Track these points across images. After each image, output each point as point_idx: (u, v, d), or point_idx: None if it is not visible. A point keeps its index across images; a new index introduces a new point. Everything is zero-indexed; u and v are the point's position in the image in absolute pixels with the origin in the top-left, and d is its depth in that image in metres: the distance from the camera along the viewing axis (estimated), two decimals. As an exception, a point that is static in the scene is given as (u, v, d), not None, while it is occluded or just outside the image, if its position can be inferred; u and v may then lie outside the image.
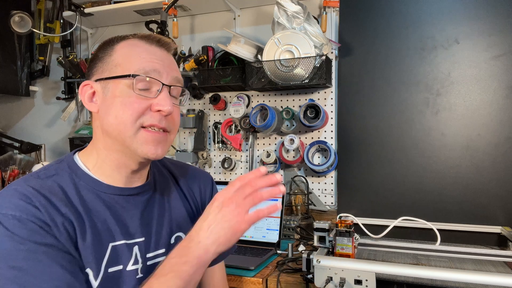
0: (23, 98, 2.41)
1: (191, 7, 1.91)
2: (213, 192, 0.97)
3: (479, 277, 0.96)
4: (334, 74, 1.72)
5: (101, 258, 0.71)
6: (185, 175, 0.94)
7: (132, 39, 0.78)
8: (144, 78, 0.73)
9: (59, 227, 0.67)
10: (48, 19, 2.24)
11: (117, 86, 0.74)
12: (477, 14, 1.47)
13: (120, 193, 0.78)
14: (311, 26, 1.55)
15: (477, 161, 1.46)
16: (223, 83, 1.78)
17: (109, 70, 0.75)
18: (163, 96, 0.75)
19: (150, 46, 0.78)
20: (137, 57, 0.75)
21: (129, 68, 0.74)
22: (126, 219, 0.77)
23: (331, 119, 1.72)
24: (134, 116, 0.72)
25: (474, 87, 1.48)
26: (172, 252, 0.71)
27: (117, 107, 0.73)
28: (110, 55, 0.76)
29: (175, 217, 0.86)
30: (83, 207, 0.72)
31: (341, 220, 1.21)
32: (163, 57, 0.78)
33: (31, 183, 0.70)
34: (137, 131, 0.73)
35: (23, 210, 0.65)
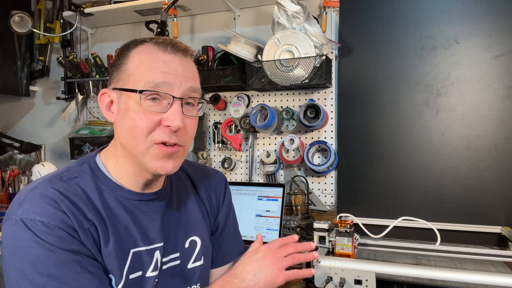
0: (23, 98, 2.41)
1: (191, 7, 1.91)
2: (226, 192, 0.97)
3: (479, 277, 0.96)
4: (334, 74, 1.72)
5: (123, 264, 0.72)
6: (202, 176, 0.94)
7: (147, 45, 0.74)
8: (152, 93, 0.70)
9: (86, 232, 0.67)
10: (48, 19, 2.24)
11: (129, 98, 0.71)
12: (477, 14, 1.47)
13: (140, 198, 0.78)
14: (311, 26, 1.55)
15: (477, 161, 1.46)
16: (223, 83, 1.78)
17: (123, 80, 0.73)
18: (173, 110, 0.70)
19: (164, 53, 0.72)
20: (148, 67, 0.71)
21: (140, 79, 0.70)
22: (147, 225, 0.77)
23: (331, 119, 1.72)
24: (144, 132, 0.70)
25: (474, 87, 1.48)
26: (216, 283, 0.77)
27: (128, 121, 0.71)
28: (125, 63, 0.73)
29: (190, 221, 0.86)
30: (106, 212, 0.72)
31: (341, 220, 1.21)
32: (177, 65, 0.73)
33: (55, 185, 0.69)
34: (149, 147, 0.71)
35: (51, 216, 0.64)
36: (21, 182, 2.04)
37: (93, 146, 2.04)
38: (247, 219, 1.58)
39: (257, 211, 1.59)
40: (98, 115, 2.22)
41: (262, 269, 0.78)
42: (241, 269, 0.79)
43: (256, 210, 1.59)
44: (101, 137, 2.06)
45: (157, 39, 0.74)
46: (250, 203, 1.60)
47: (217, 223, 0.94)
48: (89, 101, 2.24)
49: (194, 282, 0.84)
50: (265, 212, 1.57)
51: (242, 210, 1.61)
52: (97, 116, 2.22)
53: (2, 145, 2.32)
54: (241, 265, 0.80)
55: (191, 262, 0.84)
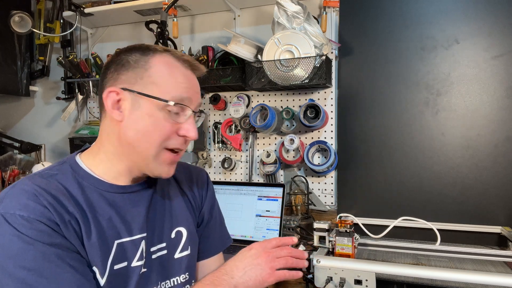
0: (23, 98, 2.41)
1: (191, 7, 1.91)
2: (208, 186, 0.99)
3: (479, 277, 0.96)
4: (334, 74, 1.72)
5: (106, 255, 0.72)
6: (184, 173, 0.96)
7: (169, 57, 0.77)
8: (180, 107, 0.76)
9: (67, 225, 0.68)
10: (48, 19, 2.24)
11: (151, 105, 0.74)
12: (477, 14, 1.47)
13: (123, 191, 0.79)
14: (311, 26, 1.55)
15: (477, 161, 1.46)
16: (223, 83, 1.78)
17: (143, 85, 0.74)
18: (191, 122, 0.78)
19: (186, 70, 0.78)
20: (174, 81, 0.76)
21: (167, 91, 0.75)
22: (131, 216, 0.78)
23: (331, 119, 1.72)
24: (162, 138, 0.75)
25: (474, 87, 1.48)
26: (205, 278, 0.79)
27: (147, 125, 0.74)
28: (145, 69, 0.75)
29: (175, 213, 0.88)
30: (88, 205, 0.73)
31: (341, 220, 1.21)
32: (194, 83, 0.80)
33: (37, 181, 0.70)
34: (159, 152, 0.76)
35: (31, 210, 0.65)
36: (21, 182, 2.04)
37: (93, 146, 2.04)
38: (247, 219, 1.58)
39: (257, 211, 1.59)
40: (98, 115, 2.22)
41: (253, 267, 0.79)
42: (232, 266, 0.80)
43: (256, 210, 1.59)
44: (101, 137, 2.05)
45: (174, 52, 0.78)
46: (250, 203, 1.60)
47: (202, 214, 0.96)
48: (89, 101, 2.24)
49: (182, 271, 0.86)
50: (265, 212, 1.57)
51: (242, 210, 1.61)
52: (97, 116, 2.22)
53: (2, 145, 2.32)
54: (232, 261, 0.81)
55: (178, 252, 0.86)
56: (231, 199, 1.65)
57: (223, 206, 1.64)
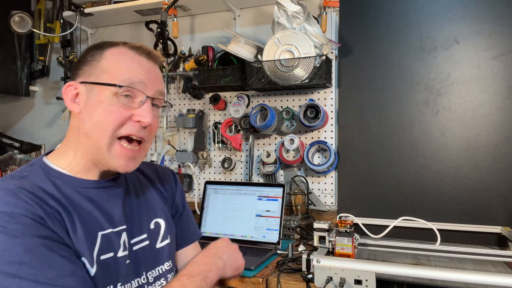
0: (23, 98, 2.41)
1: (191, 7, 1.91)
2: (176, 181, 1.03)
3: (479, 277, 0.96)
4: (334, 74, 1.72)
5: (92, 246, 0.73)
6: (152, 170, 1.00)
7: (122, 47, 0.79)
8: (129, 88, 0.76)
9: (52, 218, 0.68)
10: (48, 19, 2.24)
11: (102, 92, 0.76)
12: (477, 14, 1.47)
13: (97, 186, 0.80)
14: (311, 26, 1.55)
15: (477, 161, 1.46)
16: (223, 83, 1.78)
17: (96, 75, 0.77)
18: (145, 107, 0.77)
19: (139, 57, 0.79)
20: (125, 66, 0.77)
21: (116, 76, 0.76)
22: (110, 209, 0.80)
23: (331, 119, 1.72)
24: (115, 123, 0.75)
25: (474, 87, 1.48)
26: (198, 261, 0.88)
27: (100, 112, 0.75)
28: (98, 61, 0.78)
29: (151, 205, 0.91)
30: (67, 200, 0.73)
31: (341, 220, 1.21)
32: (150, 69, 0.80)
33: (11, 182, 0.70)
34: (112, 142, 0.76)
35: (13, 205, 0.65)
36: (21, 182, 2.04)
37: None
38: (247, 219, 1.58)
39: (257, 211, 1.59)
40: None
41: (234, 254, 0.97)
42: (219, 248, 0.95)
43: (256, 210, 1.59)
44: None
45: (131, 44, 0.81)
46: (250, 203, 1.60)
47: (175, 206, 1.00)
48: (89, 101, 2.24)
49: (166, 260, 0.89)
50: (265, 212, 1.57)
51: (242, 210, 1.61)
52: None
53: (2, 145, 2.32)
54: (215, 249, 0.94)
55: (159, 242, 0.89)
56: (231, 199, 1.65)
57: (223, 206, 1.65)
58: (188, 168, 1.98)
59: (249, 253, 1.41)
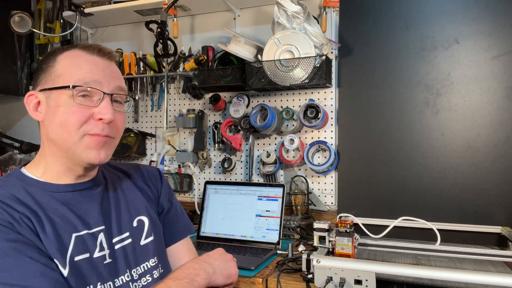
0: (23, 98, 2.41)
1: (191, 7, 1.91)
2: (162, 178, 1.03)
3: (479, 277, 0.96)
4: (334, 74, 1.72)
5: (65, 247, 0.74)
6: (135, 170, 1.00)
7: (74, 50, 0.80)
8: (84, 88, 0.76)
9: (20, 223, 0.70)
10: (48, 19, 2.24)
11: (59, 96, 0.76)
12: (477, 14, 1.47)
13: (73, 189, 0.81)
14: (311, 26, 1.55)
15: (477, 161, 1.46)
16: (223, 83, 1.78)
17: (52, 81, 0.78)
18: (104, 104, 0.77)
19: (91, 56, 0.80)
20: (77, 68, 0.77)
21: (70, 79, 0.76)
22: (85, 211, 0.80)
23: (331, 119, 1.72)
24: (76, 125, 0.75)
25: (474, 87, 1.48)
26: (186, 266, 0.89)
27: (60, 116, 0.76)
28: (52, 66, 0.79)
29: (132, 203, 0.91)
30: (38, 206, 0.75)
31: (341, 220, 1.21)
32: (104, 67, 0.80)
33: None
34: (81, 138, 0.76)
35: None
36: (21, 182, 2.04)
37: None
38: (247, 219, 1.58)
39: (257, 211, 1.59)
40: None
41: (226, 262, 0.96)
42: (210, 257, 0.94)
43: (256, 210, 1.59)
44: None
45: (84, 44, 0.82)
46: (250, 203, 1.60)
47: (161, 204, 1.00)
48: (89, 101, 2.24)
49: (151, 256, 0.89)
50: (265, 212, 1.57)
51: (242, 210, 1.61)
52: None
53: (2, 145, 2.32)
54: (207, 256, 0.95)
55: (143, 239, 0.89)
56: (231, 199, 1.65)
57: (223, 206, 1.65)
58: (188, 168, 1.98)
59: (249, 253, 1.41)
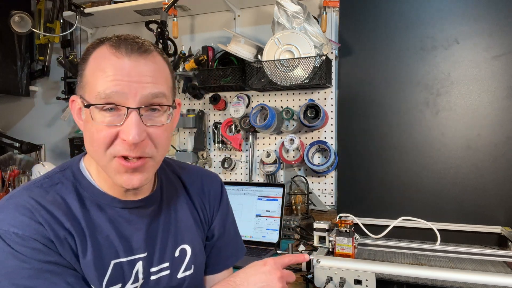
0: (23, 98, 2.41)
1: (191, 7, 1.91)
2: (222, 196, 0.93)
3: (479, 277, 0.96)
4: (334, 74, 1.72)
5: (102, 275, 0.69)
6: (194, 179, 0.89)
7: (103, 47, 0.67)
8: (103, 106, 0.64)
9: (63, 242, 0.65)
10: (48, 19, 2.24)
11: (86, 109, 0.66)
12: (477, 14, 1.47)
13: (124, 206, 0.73)
14: (311, 26, 1.55)
15: (477, 161, 1.46)
16: (223, 83, 1.78)
17: (82, 88, 0.68)
18: (128, 123, 0.63)
19: (117, 57, 0.65)
20: (101, 73, 0.64)
21: (93, 90, 0.64)
22: (130, 234, 0.74)
23: (331, 119, 1.72)
24: (102, 146, 0.65)
25: (474, 87, 1.48)
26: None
27: (89, 133, 0.67)
28: (83, 69, 0.68)
29: (180, 229, 0.82)
30: (86, 222, 0.69)
31: (341, 220, 1.21)
32: (131, 69, 0.64)
33: (33, 194, 0.67)
34: (110, 160, 0.66)
35: (25, 227, 0.62)
36: (21, 182, 2.04)
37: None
38: (247, 219, 1.58)
39: (257, 211, 1.59)
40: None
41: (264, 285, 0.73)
42: (243, 279, 0.74)
43: (256, 210, 1.59)
44: (101, 137, 2.05)
45: (113, 40, 0.67)
46: (250, 203, 1.60)
47: (212, 229, 0.89)
48: (89, 101, 2.24)
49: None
50: (265, 212, 1.57)
51: (242, 210, 1.61)
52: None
53: (2, 145, 2.32)
54: (243, 274, 0.75)
55: (181, 272, 0.81)
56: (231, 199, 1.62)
57: (223, 206, 1.65)
58: (188, 168, 1.98)
59: (249, 253, 1.41)
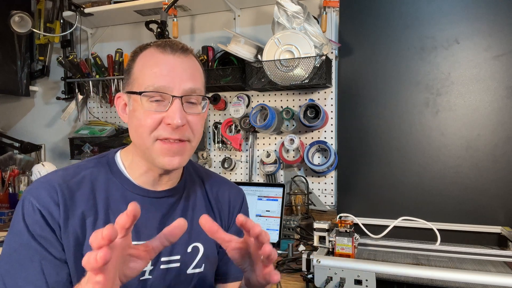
0: (23, 98, 2.41)
1: (191, 7, 1.91)
2: (242, 207, 0.95)
3: (479, 277, 0.96)
4: (334, 74, 1.72)
5: None
6: (216, 186, 0.93)
7: (149, 49, 0.79)
8: (155, 94, 0.75)
9: (68, 228, 0.73)
10: (48, 19, 2.24)
11: (135, 100, 0.77)
12: (477, 14, 1.47)
13: (147, 195, 0.81)
14: (311, 26, 1.55)
15: (477, 161, 1.46)
16: (223, 83, 1.78)
17: (131, 84, 0.79)
18: (173, 108, 0.75)
19: (164, 55, 0.77)
20: (149, 70, 0.76)
21: (142, 83, 0.76)
22: (144, 221, 0.78)
23: (331, 119, 1.72)
24: (148, 130, 0.75)
25: (474, 87, 1.48)
26: None
27: (135, 121, 0.77)
28: (132, 68, 0.79)
29: (196, 227, 0.84)
30: (106, 203, 0.77)
31: (341, 220, 1.21)
32: (176, 65, 0.77)
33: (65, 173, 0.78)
34: (153, 143, 0.76)
35: (40, 200, 0.72)
36: (21, 182, 2.04)
37: (93, 146, 2.04)
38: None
39: (257, 211, 1.59)
40: (98, 115, 2.22)
41: None
42: None
43: (256, 210, 1.59)
44: (101, 137, 2.06)
45: (158, 42, 0.79)
46: (250, 203, 1.60)
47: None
48: (89, 101, 2.25)
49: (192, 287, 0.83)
50: (265, 212, 1.57)
51: (242, 210, 1.61)
52: (97, 116, 2.22)
53: (2, 145, 2.32)
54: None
55: (191, 268, 0.83)
56: (231, 199, 1.64)
57: (223, 206, 1.65)
58: (188, 168, 1.98)
59: (249, 253, 1.41)
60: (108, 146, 1.99)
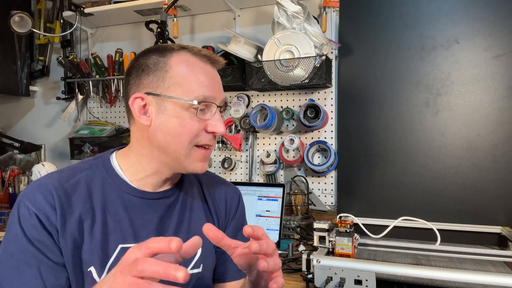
0: (23, 98, 2.41)
1: (191, 7, 1.91)
2: (238, 207, 0.95)
3: (479, 277, 0.96)
4: (334, 74, 1.72)
5: (107, 256, 0.73)
6: (213, 186, 0.94)
7: (185, 54, 0.77)
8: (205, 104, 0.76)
9: (66, 231, 0.71)
10: (48, 19, 2.24)
11: (175, 106, 0.75)
12: (477, 14, 1.47)
13: (144, 196, 0.80)
14: (311, 26, 1.55)
15: (477, 161, 1.46)
16: (223, 83, 1.77)
17: (166, 87, 0.75)
18: (217, 117, 0.78)
19: (204, 65, 0.78)
20: (196, 79, 0.76)
21: (190, 91, 0.75)
22: (142, 223, 0.78)
23: (331, 119, 1.72)
24: (191, 137, 0.76)
25: (474, 87, 1.48)
26: None
27: (175, 127, 0.75)
28: (165, 71, 0.75)
29: (193, 226, 0.85)
30: (102, 205, 0.76)
31: (341, 220, 1.21)
32: (216, 78, 0.80)
33: (61, 175, 0.76)
34: (191, 150, 0.77)
35: (36, 204, 0.70)
36: (21, 182, 2.04)
37: (93, 146, 2.04)
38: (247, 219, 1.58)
39: (257, 211, 1.59)
40: (98, 115, 2.22)
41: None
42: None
43: (256, 210, 1.59)
44: (101, 137, 2.06)
45: (191, 49, 0.78)
46: (250, 203, 1.60)
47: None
48: (89, 101, 2.24)
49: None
50: (265, 212, 1.57)
51: (242, 210, 1.61)
52: (97, 116, 2.22)
53: (2, 145, 2.32)
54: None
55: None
56: (231, 199, 1.64)
57: (223, 206, 1.65)
58: (188, 168, 1.98)
59: (249, 253, 1.41)
60: (108, 146, 1.99)
